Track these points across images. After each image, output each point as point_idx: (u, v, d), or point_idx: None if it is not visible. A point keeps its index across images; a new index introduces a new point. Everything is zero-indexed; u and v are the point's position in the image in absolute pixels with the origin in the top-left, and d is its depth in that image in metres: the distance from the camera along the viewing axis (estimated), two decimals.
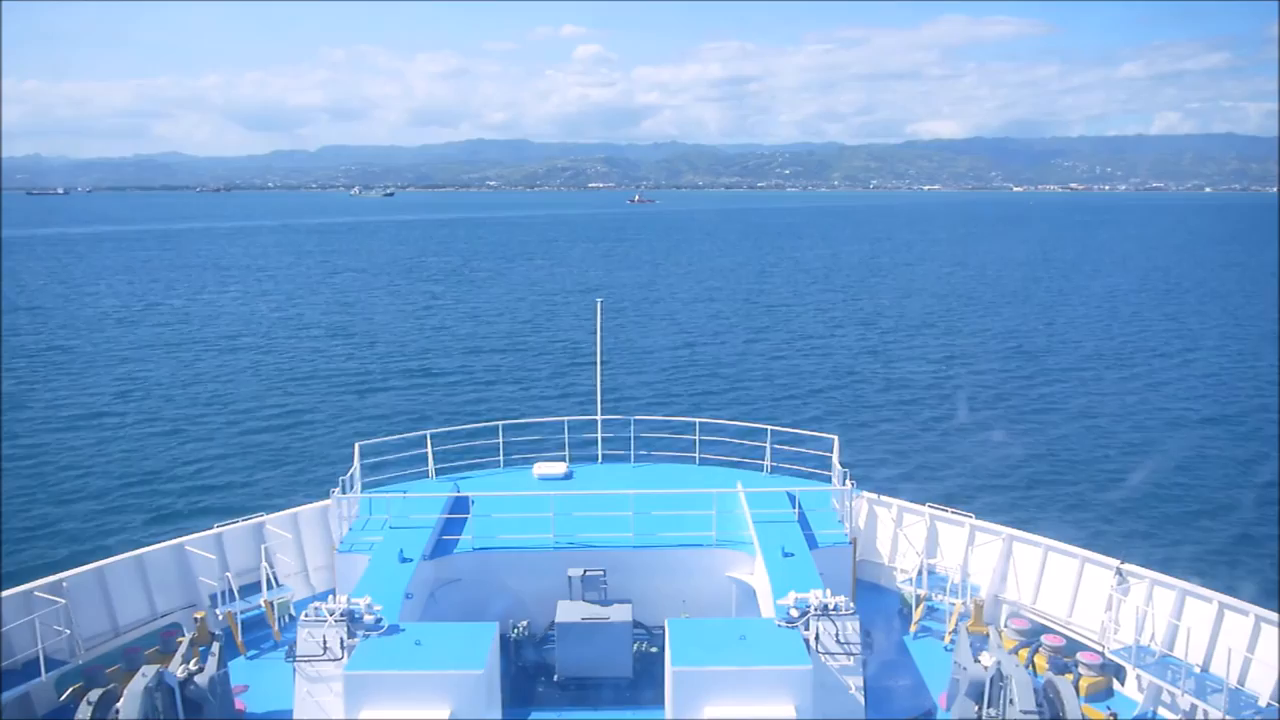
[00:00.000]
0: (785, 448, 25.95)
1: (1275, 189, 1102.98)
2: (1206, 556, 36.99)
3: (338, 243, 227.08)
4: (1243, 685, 18.55)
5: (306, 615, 16.51)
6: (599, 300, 32.90)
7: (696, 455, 27.17)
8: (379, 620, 16.58)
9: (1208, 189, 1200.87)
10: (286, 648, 16.94)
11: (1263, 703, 18.00)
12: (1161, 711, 19.33)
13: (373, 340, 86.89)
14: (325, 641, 16.22)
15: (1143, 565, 21.45)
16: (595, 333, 30.95)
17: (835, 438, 24.76)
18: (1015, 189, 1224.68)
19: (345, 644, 16.16)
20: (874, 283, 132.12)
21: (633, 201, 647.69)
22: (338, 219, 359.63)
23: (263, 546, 22.85)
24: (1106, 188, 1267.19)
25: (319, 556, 24.57)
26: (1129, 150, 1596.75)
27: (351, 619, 16.40)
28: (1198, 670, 19.23)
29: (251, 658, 21.22)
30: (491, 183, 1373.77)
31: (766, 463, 26.09)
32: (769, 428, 25.77)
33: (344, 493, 22.75)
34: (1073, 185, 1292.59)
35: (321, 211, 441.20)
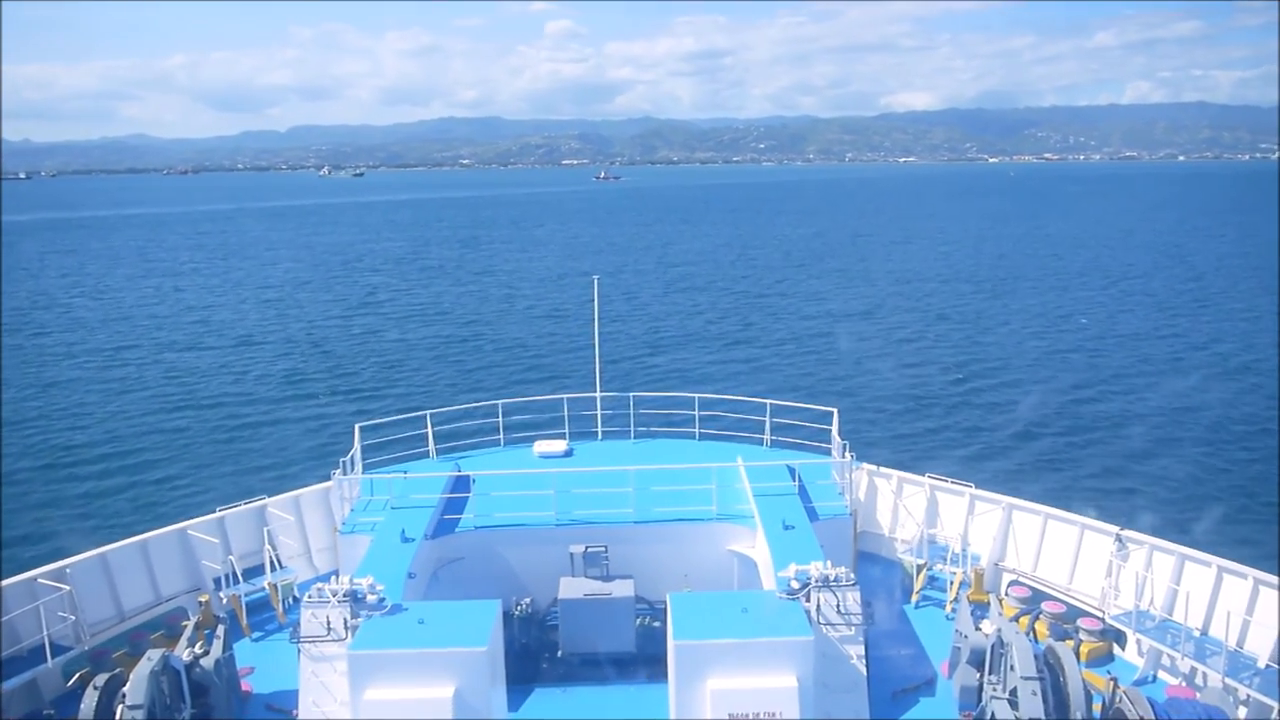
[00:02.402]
0: (785, 421, 26.02)
1: (1247, 157, 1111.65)
2: (1209, 521, 37.49)
3: (305, 225, 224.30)
4: (1242, 648, 18.76)
5: (310, 596, 16.50)
6: (595, 278, 32.83)
7: (696, 430, 27.20)
8: (382, 600, 16.55)
9: (1181, 158, 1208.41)
10: (291, 629, 16.91)
11: (1262, 664, 18.21)
12: (1162, 675, 19.55)
13: (370, 322, 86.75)
14: (329, 622, 16.20)
15: (1142, 531, 21.67)
16: (593, 310, 30.92)
17: (835, 410, 24.84)
18: (990, 160, 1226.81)
19: (349, 624, 16.15)
20: (879, 259, 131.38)
21: (598, 179, 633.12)
22: (298, 202, 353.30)
23: (265, 529, 22.83)
24: (1081, 157, 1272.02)
25: (321, 538, 24.53)
26: (1101, 120, 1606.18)
27: (354, 599, 16.37)
28: (1197, 634, 19.43)
29: (256, 640, 21.21)
30: (464, 161, 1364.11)
31: (766, 436, 26.15)
32: (768, 402, 25.82)
33: (345, 474, 22.72)
34: (1047, 155, 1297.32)
35: (286, 193, 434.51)
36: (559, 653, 19.99)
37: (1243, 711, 17.53)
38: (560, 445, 26.48)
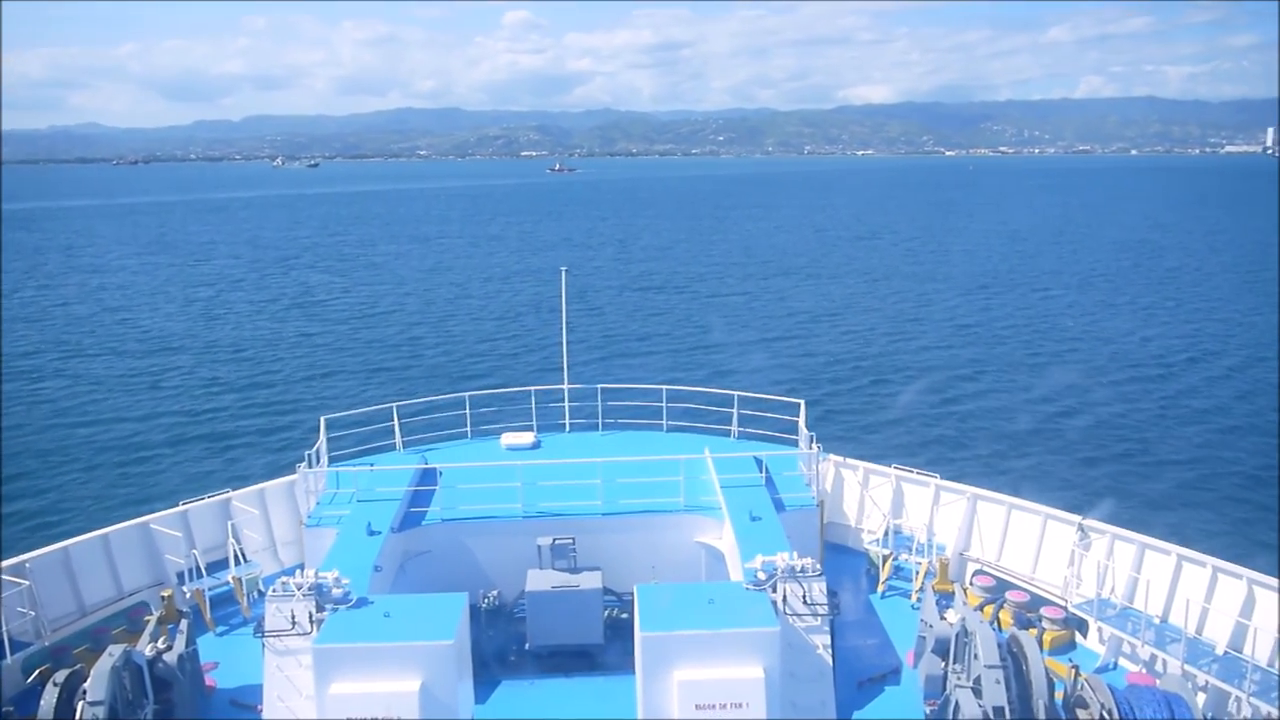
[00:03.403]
0: (752, 413, 26.13)
1: (1197, 151, 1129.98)
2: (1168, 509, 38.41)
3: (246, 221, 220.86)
4: (1200, 634, 19.14)
5: (274, 590, 16.39)
6: (563, 269, 32.73)
7: (664, 422, 27.25)
8: (347, 593, 16.48)
9: (1133, 151, 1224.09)
10: (255, 623, 16.77)
11: (1220, 651, 18.59)
12: (1123, 662, 19.89)
13: (335, 314, 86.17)
14: (294, 616, 16.12)
15: (1104, 520, 22.01)
16: (560, 302, 30.84)
17: (801, 402, 24.97)
18: (947, 153, 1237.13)
19: (314, 618, 16.07)
20: (844, 254, 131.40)
21: (553, 170, 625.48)
22: (242, 194, 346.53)
23: (229, 523, 22.67)
24: (1036, 151, 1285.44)
25: (287, 531, 24.38)
26: (1055, 114, 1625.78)
27: (320, 593, 16.29)
28: (1157, 621, 19.79)
29: (221, 634, 21.03)
30: (422, 152, 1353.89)
31: (733, 428, 26.26)
32: (735, 394, 25.92)
33: (310, 467, 22.53)
34: (1003, 149, 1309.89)
35: (231, 185, 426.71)
36: (526, 645, 19.98)
37: (1201, 698, 17.84)
38: (528, 437, 26.42)
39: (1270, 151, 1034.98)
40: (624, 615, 20.36)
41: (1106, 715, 14.90)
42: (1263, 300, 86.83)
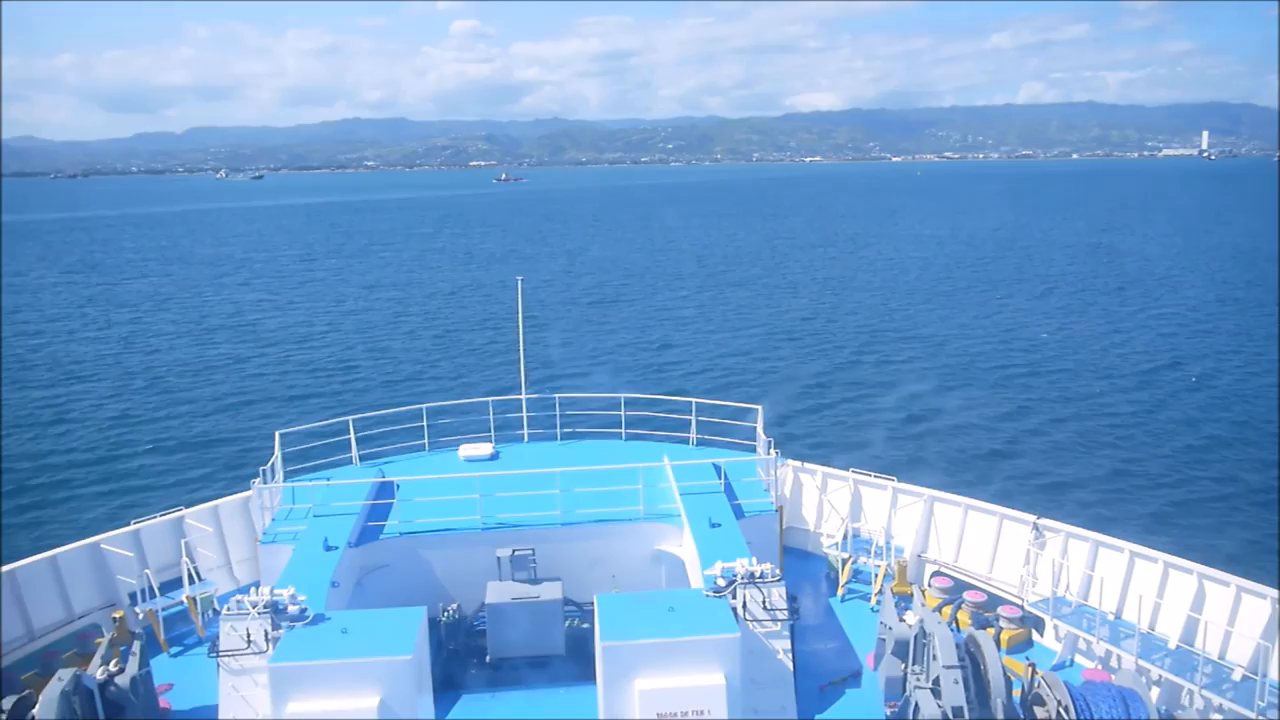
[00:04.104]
0: (710, 420, 26.16)
1: (1136, 155, 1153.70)
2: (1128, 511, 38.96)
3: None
4: (1153, 630, 19.50)
5: (229, 609, 16.20)
6: (520, 279, 32.63)
7: (622, 431, 27.20)
8: (304, 610, 16.31)
9: (1074, 155, 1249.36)
10: (210, 643, 16.50)
11: (1173, 645, 18.97)
12: (1079, 659, 20.20)
13: (285, 329, 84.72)
14: (249, 634, 15.93)
15: (1059, 520, 22.34)
16: (517, 311, 30.73)
17: (759, 408, 25.07)
18: (894, 159, 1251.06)
19: (270, 636, 15.90)
20: (798, 263, 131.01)
21: (500, 180, 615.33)
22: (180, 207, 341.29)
23: (183, 541, 22.26)
24: (980, 156, 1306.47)
25: (242, 549, 24.05)
26: (998, 119, 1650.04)
27: (275, 610, 16.12)
28: (1111, 618, 20.15)
29: (175, 655, 20.67)
30: (369, 163, 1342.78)
31: (692, 435, 26.27)
32: (694, 400, 25.93)
33: (265, 483, 22.23)
34: (948, 154, 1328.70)
35: (173, 198, 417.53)
36: (487, 658, 19.83)
37: (1155, 692, 18.19)
38: (486, 448, 26.25)
39: (1206, 154, 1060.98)
40: (585, 625, 20.35)
41: (1063, 712, 15.10)
42: (1228, 305, 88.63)
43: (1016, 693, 16.67)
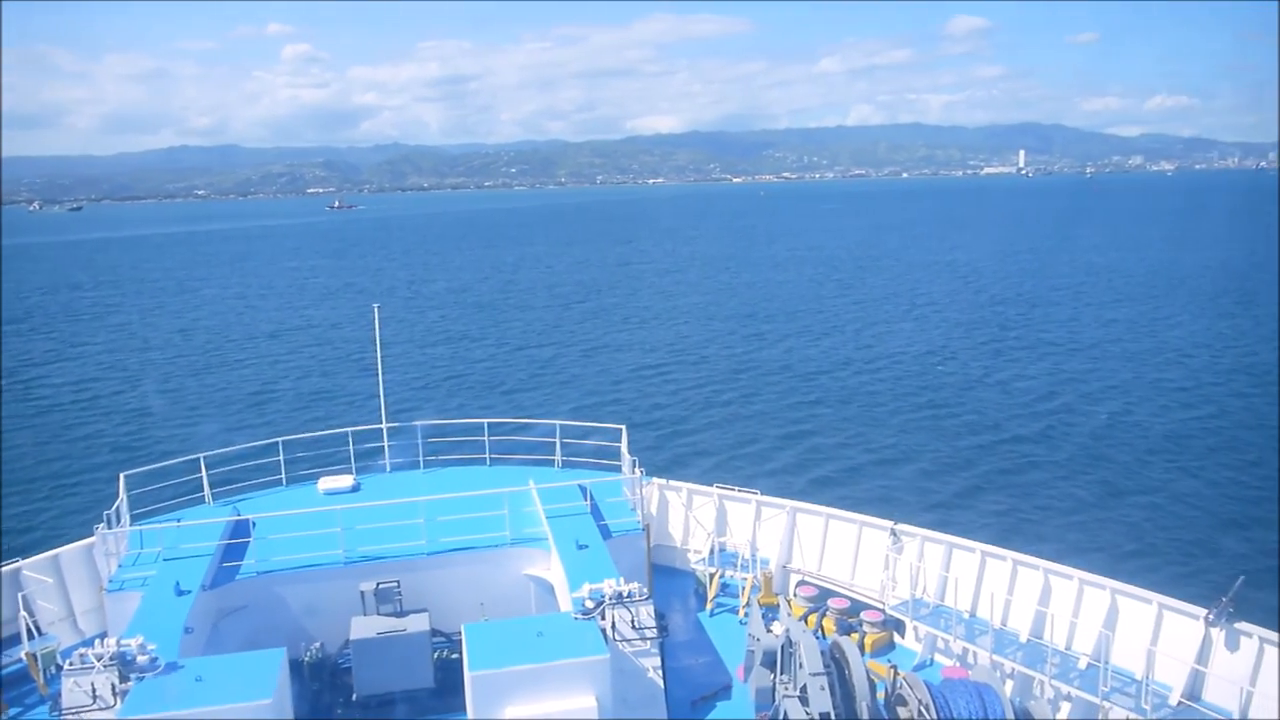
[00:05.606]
0: (575, 441, 26.26)
1: (960, 173, 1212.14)
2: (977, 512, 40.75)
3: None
4: (1005, 626, 20.52)
5: (72, 663, 15.36)
6: (376, 306, 31.99)
7: (487, 456, 27.01)
8: (155, 660, 15.62)
9: (904, 175, 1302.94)
10: (52, 701, 15.62)
11: (1024, 639, 20.00)
12: (938, 658, 21.07)
13: (132, 362, 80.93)
14: (94, 689, 15.12)
15: (915, 524, 23.25)
16: (374, 339, 30.17)
17: (623, 428, 25.31)
18: (734, 180, 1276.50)
19: (117, 690, 15.14)
20: (650, 288, 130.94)
21: (332, 208, 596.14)
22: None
23: (20, 594, 20.88)
24: (816, 175, 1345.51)
25: (86, 599, 22.69)
26: (831, 141, 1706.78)
27: (123, 662, 15.36)
28: (967, 617, 21.10)
29: (14, 716, 19.35)
30: (200, 192, 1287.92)
31: (557, 458, 26.31)
32: (558, 423, 25.98)
33: (110, 527, 21.17)
34: (785, 175, 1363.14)
35: None
36: (354, 696, 19.41)
37: (1009, 685, 19.13)
38: (346, 480, 25.70)
39: (1024, 171, 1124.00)
40: (454, 655, 20.13)
41: (924, 711, 15.71)
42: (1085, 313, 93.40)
43: (881, 695, 17.25)
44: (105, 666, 15.19)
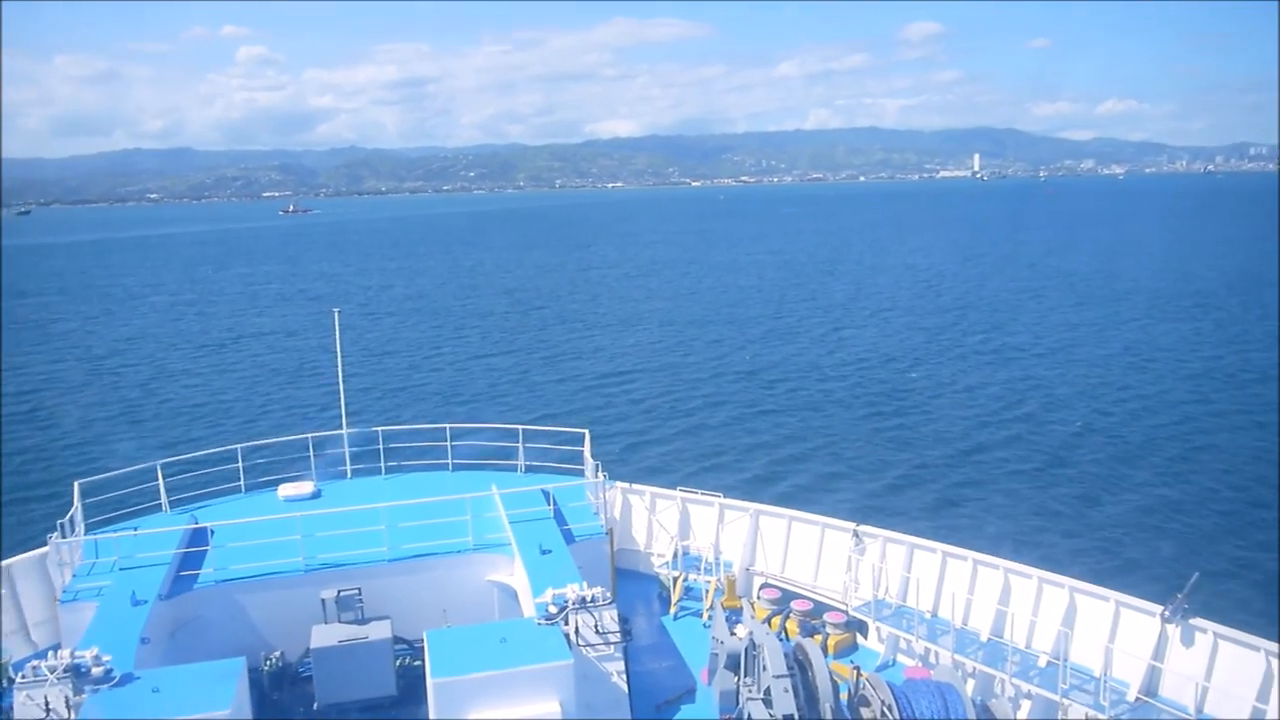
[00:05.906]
0: (538, 446, 26.20)
1: (916, 177, 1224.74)
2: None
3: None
4: (966, 625, 20.73)
5: (24, 676, 15.11)
6: (336, 310, 31.76)
7: (449, 461, 26.90)
8: (110, 671, 15.42)
9: (861, 178, 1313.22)
10: (3, 715, 15.34)
11: (984, 638, 20.23)
12: (900, 658, 21.26)
13: (84, 368, 79.45)
14: (47, 702, 14.87)
15: (877, 526, 23.41)
16: (334, 344, 29.94)
17: (586, 432, 25.31)
18: (693, 184, 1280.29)
19: (71, 703, 14.90)
20: (613, 293, 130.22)
21: (286, 212, 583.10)
22: None
23: None
24: (774, 179, 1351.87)
25: (39, 610, 22.30)
26: (789, 144, 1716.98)
27: (77, 674, 15.15)
28: (928, 616, 21.31)
29: None
30: (153, 195, 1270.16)
31: (520, 462, 26.27)
32: (520, 428, 25.93)
33: (64, 536, 20.88)
34: (744, 178, 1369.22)
35: None
36: (315, 705, 19.25)
37: (971, 684, 19.34)
38: (307, 487, 25.49)
39: (979, 175, 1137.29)
40: (416, 663, 20.02)
41: (887, 711, 15.87)
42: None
43: (844, 696, 17.38)
44: (59, 679, 14.96)
